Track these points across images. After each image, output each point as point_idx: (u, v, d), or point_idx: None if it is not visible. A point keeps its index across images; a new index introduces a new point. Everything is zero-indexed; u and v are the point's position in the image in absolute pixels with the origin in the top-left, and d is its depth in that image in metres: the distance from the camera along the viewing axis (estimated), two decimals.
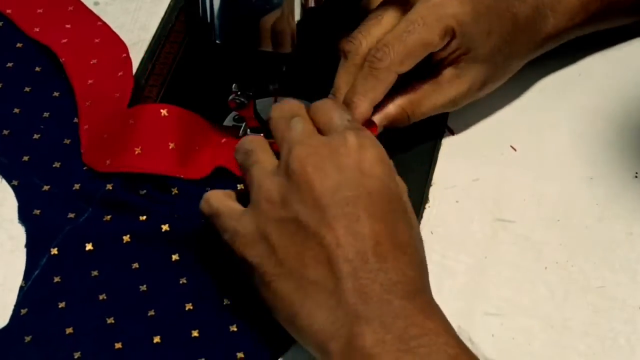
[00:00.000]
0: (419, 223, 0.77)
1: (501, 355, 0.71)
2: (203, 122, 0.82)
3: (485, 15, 0.78)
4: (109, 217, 0.77)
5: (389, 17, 0.78)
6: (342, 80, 0.78)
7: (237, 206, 0.71)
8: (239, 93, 0.80)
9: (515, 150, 0.82)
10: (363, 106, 0.77)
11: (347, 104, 0.77)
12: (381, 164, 0.69)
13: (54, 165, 0.81)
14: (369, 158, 0.69)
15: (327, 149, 0.69)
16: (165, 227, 0.76)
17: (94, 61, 0.86)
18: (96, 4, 0.93)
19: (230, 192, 0.74)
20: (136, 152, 0.78)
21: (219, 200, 0.72)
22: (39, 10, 0.91)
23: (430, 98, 0.79)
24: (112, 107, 0.82)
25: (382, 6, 0.79)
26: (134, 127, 0.80)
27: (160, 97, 0.86)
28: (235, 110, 0.81)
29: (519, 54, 0.81)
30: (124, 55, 0.87)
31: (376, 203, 0.67)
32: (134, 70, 0.87)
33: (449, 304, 0.73)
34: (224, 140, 0.81)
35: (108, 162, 0.79)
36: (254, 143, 0.73)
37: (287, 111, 0.73)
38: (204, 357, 0.70)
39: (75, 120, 0.83)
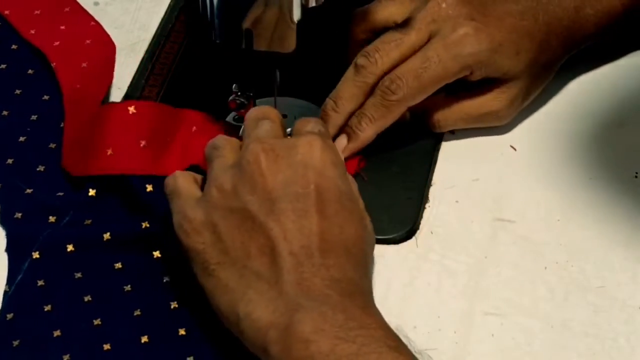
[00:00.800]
0: (419, 223, 0.77)
1: (501, 355, 0.71)
2: (172, 111, 0.81)
3: (508, 40, 0.78)
4: (89, 221, 0.77)
5: (409, 43, 0.79)
6: (348, 92, 0.79)
7: (197, 192, 0.72)
8: (239, 93, 0.80)
9: (515, 150, 0.82)
10: (369, 132, 0.79)
11: (352, 126, 0.79)
12: (335, 166, 0.70)
13: (37, 169, 0.80)
14: (324, 159, 0.69)
15: (284, 147, 0.70)
16: (145, 224, 0.76)
17: (84, 64, 0.85)
18: (96, 4, 0.93)
19: (198, 177, 0.74)
20: (108, 154, 0.78)
21: (184, 181, 0.73)
22: (36, 12, 0.91)
23: (466, 108, 0.81)
24: (92, 110, 0.82)
25: (401, 28, 0.79)
26: (103, 127, 0.79)
27: (160, 97, 0.86)
28: (235, 111, 0.81)
29: (557, 56, 0.82)
30: (111, 56, 0.86)
31: (326, 202, 0.68)
32: (134, 70, 0.87)
33: (449, 304, 0.73)
34: (194, 128, 0.80)
35: (82, 165, 0.78)
36: (225, 141, 0.74)
37: (260, 113, 0.74)
38: (192, 355, 0.70)
39: (62, 124, 0.82)
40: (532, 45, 0.79)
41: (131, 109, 0.80)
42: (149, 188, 0.76)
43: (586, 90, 0.85)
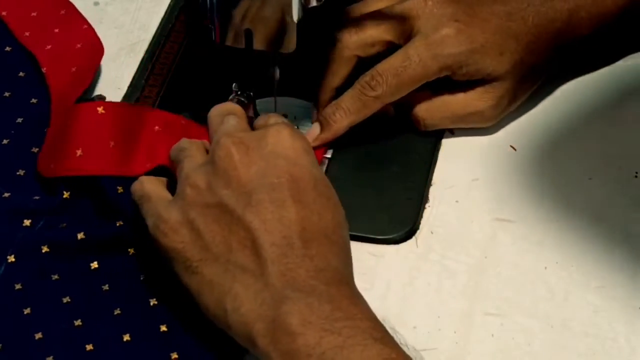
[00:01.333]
0: (419, 223, 0.77)
1: (501, 355, 0.71)
2: (135, 111, 0.81)
3: (491, 41, 0.78)
4: (64, 224, 0.76)
5: (388, 25, 0.79)
6: (329, 67, 0.81)
7: (167, 194, 0.72)
8: (239, 93, 0.80)
9: (515, 150, 0.82)
10: (343, 124, 0.79)
11: (326, 116, 0.80)
12: (307, 153, 0.70)
13: (17, 173, 0.80)
14: (295, 147, 0.70)
15: (254, 139, 0.70)
16: (119, 223, 0.76)
17: (74, 69, 0.85)
18: (96, 4, 0.93)
19: (164, 180, 0.75)
20: (77, 154, 0.77)
21: (151, 184, 0.73)
22: (33, 14, 0.90)
23: (452, 107, 0.81)
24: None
25: (384, 13, 0.80)
26: (73, 128, 0.79)
27: (160, 97, 0.86)
28: None
29: (548, 58, 0.81)
30: (96, 59, 0.86)
31: (302, 190, 0.68)
32: (134, 70, 0.87)
33: (449, 304, 0.73)
34: (157, 128, 0.80)
35: (52, 166, 0.78)
36: (190, 143, 0.74)
37: (224, 109, 0.75)
38: (175, 351, 0.70)
39: (47, 129, 0.82)
40: (517, 46, 0.79)
41: (100, 110, 0.79)
42: (120, 190, 0.76)
43: (586, 90, 0.85)
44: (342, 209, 0.70)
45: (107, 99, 0.84)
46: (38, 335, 0.71)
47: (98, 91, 0.85)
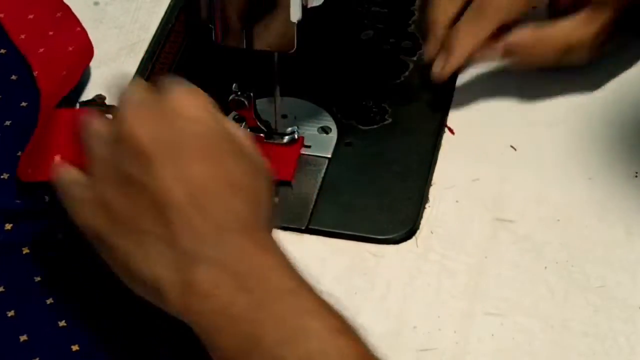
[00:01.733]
0: (419, 223, 0.77)
1: (501, 355, 0.71)
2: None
3: None
4: (44, 227, 0.76)
5: None
6: (438, 8, 0.83)
7: (79, 174, 0.70)
8: (239, 93, 0.80)
9: (515, 150, 0.82)
10: (465, 48, 0.82)
11: (449, 42, 0.82)
12: (207, 109, 0.69)
13: (1, 177, 0.79)
14: (194, 104, 0.69)
15: (150, 103, 0.69)
16: None
17: (64, 72, 0.85)
18: (96, 4, 0.93)
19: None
20: (56, 161, 0.77)
21: (63, 170, 0.71)
22: (30, 16, 0.90)
23: (554, 40, 0.82)
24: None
25: None
26: (52, 133, 0.79)
27: None
28: (235, 110, 0.81)
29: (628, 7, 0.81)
30: (84, 63, 0.86)
31: (202, 146, 0.67)
32: (134, 70, 0.87)
33: (449, 304, 0.73)
34: None
35: (30, 171, 0.78)
36: (91, 116, 0.72)
37: (123, 87, 0.72)
38: (164, 346, 0.70)
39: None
40: None
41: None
42: None
43: (586, 90, 0.85)
44: (259, 158, 0.69)
45: (107, 99, 0.84)
46: (23, 338, 0.71)
47: (98, 91, 0.85)
